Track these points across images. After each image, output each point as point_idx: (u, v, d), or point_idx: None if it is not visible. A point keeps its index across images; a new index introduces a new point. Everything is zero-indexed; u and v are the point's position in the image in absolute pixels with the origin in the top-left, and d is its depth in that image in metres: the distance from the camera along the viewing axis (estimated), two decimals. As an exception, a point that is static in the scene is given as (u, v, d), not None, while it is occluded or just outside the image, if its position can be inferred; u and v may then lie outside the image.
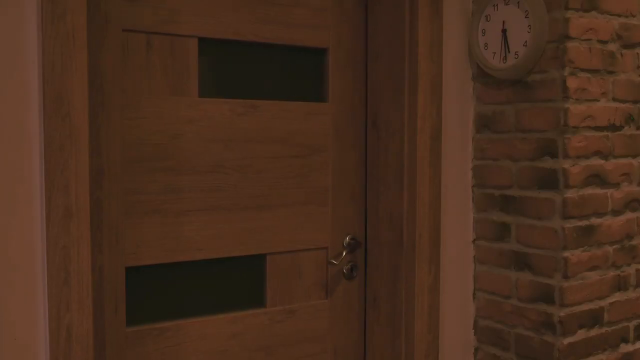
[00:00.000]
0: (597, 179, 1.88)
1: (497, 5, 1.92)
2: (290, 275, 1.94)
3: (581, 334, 1.88)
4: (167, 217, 1.73)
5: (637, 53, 1.96)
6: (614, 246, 1.94)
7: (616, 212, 1.94)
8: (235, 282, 1.87)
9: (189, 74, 1.74)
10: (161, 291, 1.76)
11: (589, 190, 1.86)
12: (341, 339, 2.05)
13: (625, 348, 2.00)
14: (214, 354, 1.82)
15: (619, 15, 1.90)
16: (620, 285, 1.97)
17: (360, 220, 2.05)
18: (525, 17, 1.84)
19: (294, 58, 1.93)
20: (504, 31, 1.90)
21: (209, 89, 1.79)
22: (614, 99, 1.91)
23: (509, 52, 1.89)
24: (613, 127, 1.91)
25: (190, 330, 1.78)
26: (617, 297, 1.96)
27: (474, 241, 2.07)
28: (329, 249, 2.00)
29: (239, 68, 1.84)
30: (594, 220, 1.88)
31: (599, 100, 1.87)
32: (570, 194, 1.82)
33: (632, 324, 2.01)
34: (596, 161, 1.88)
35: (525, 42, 1.84)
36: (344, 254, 1.98)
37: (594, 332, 1.91)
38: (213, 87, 1.80)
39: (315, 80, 1.98)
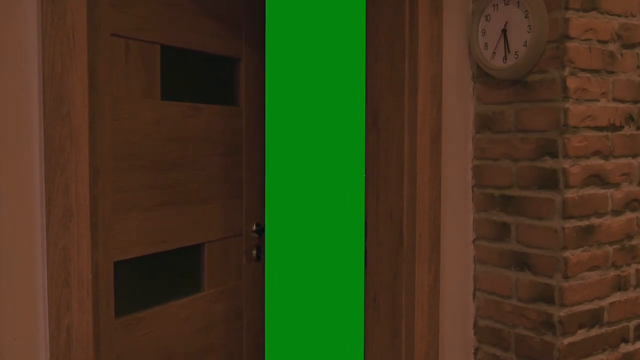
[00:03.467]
0: (597, 179, 1.88)
1: (497, 5, 1.92)
2: (219, 260, 2.12)
3: (581, 334, 1.88)
4: (142, 212, 1.81)
5: (637, 53, 1.96)
6: (614, 246, 1.94)
7: (616, 212, 1.94)
8: (184, 270, 2.03)
9: (154, 78, 1.84)
10: (138, 282, 1.84)
11: (589, 190, 1.86)
12: (253, 315, 2.31)
13: (625, 348, 2.00)
14: (173, 337, 1.94)
15: (619, 15, 1.90)
16: (620, 285, 1.97)
17: (262, 210, 2.34)
18: (525, 17, 1.84)
19: (221, 66, 2.13)
20: (504, 31, 1.90)
21: (167, 92, 1.91)
22: (614, 99, 1.91)
23: (509, 52, 1.89)
24: (613, 127, 1.91)
25: (159, 317, 1.88)
26: (617, 297, 1.96)
27: (474, 241, 2.07)
28: (244, 235, 2.23)
29: (184, 73, 1.99)
30: (594, 220, 1.88)
31: (599, 100, 1.87)
32: (570, 194, 1.82)
33: (632, 324, 2.01)
34: (596, 161, 1.88)
35: (525, 42, 1.84)
36: (256, 238, 2.29)
37: (594, 332, 1.91)
38: (169, 90, 1.91)
39: (233, 86, 2.19)
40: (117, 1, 1.69)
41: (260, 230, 2.28)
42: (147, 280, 1.88)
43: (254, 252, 2.27)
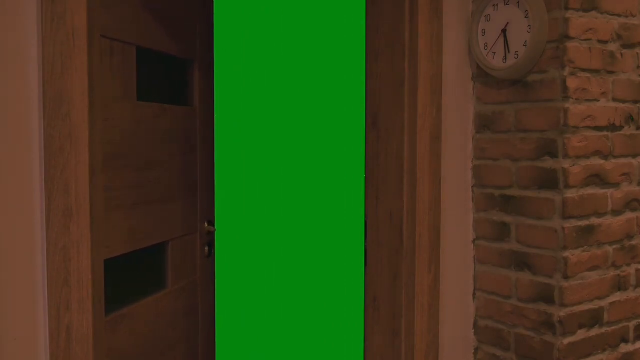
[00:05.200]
0: (597, 179, 1.88)
1: (497, 5, 1.92)
2: (180, 257, 2.16)
3: (581, 334, 1.88)
4: (125, 211, 1.82)
5: (637, 53, 1.96)
6: (614, 246, 1.94)
7: (616, 212, 1.94)
8: (153, 267, 2.06)
9: (132, 79, 1.86)
10: (119, 280, 1.85)
11: (589, 190, 1.86)
12: (205, 311, 2.34)
13: (625, 348, 2.00)
14: (149, 333, 1.97)
15: (619, 15, 1.90)
16: (620, 285, 1.97)
17: (212, 208, 2.40)
18: (525, 17, 1.84)
19: (179, 67, 2.17)
20: (504, 31, 1.90)
21: (140, 93, 1.93)
22: (614, 99, 1.91)
23: (509, 52, 1.89)
24: (613, 127, 1.91)
25: (137, 314, 1.90)
26: (617, 297, 1.96)
27: (474, 241, 2.07)
28: (199, 232, 2.27)
29: (150, 74, 2.01)
30: (594, 220, 1.88)
31: (599, 100, 1.87)
32: (570, 194, 1.82)
33: (632, 324, 2.01)
34: (596, 161, 1.88)
35: (525, 42, 1.84)
36: (207, 235, 2.33)
37: (594, 332, 1.91)
38: (140, 91, 1.93)
39: (188, 86, 2.23)
40: (105, 2, 1.69)
41: (212, 227, 2.37)
42: (125, 277, 1.91)
43: (206, 248, 2.33)
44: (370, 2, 2.03)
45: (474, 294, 2.08)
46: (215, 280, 2.45)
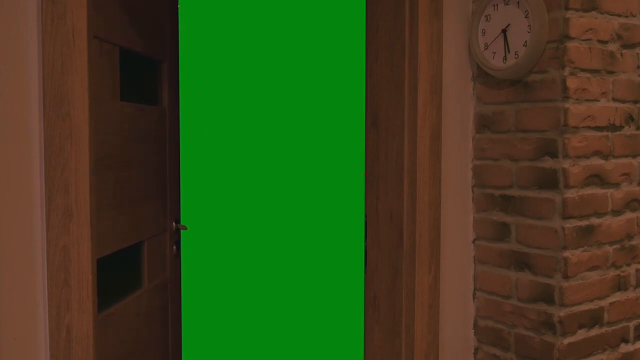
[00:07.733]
0: (597, 179, 1.88)
1: (497, 5, 1.92)
2: (154, 257, 2.16)
3: (581, 334, 1.88)
4: (112, 210, 1.82)
5: (637, 53, 1.96)
6: (614, 246, 1.94)
7: (616, 212, 1.94)
8: (130, 266, 2.06)
9: (116, 79, 1.86)
10: (105, 279, 1.84)
11: (589, 190, 1.86)
12: (174, 309, 2.37)
13: (625, 348, 2.00)
14: (132, 331, 1.98)
15: (619, 15, 1.90)
16: (620, 285, 1.97)
17: (179, 207, 2.44)
18: (525, 17, 1.84)
19: (149, 67, 2.18)
20: (504, 31, 1.90)
21: (123, 93, 1.93)
22: (614, 99, 1.91)
23: (509, 52, 1.89)
24: (613, 127, 1.91)
25: (122, 312, 1.91)
26: (617, 297, 1.96)
27: (474, 241, 2.07)
28: (168, 231, 2.29)
29: (127, 74, 2.01)
30: (594, 220, 1.88)
31: (599, 100, 1.87)
32: (570, 194, 1.82)
33: (632, 324, 2.01)
34: (596, 161, 1.88)
35: (525, 42, 1.84)
36: (175, 235, 2.36)
37: (594, 332, 1.91)
38: (124, 92, 1.95)
39: (158, 86, 2.24)
40: (96, 3, 1.69)
41: (178, 225, 2.39)
42: (108, 276, 1.91)
43: (174, 248, 2.34)
44: (370, 2, 2.04)
45: (474, 294, 2.08)
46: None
